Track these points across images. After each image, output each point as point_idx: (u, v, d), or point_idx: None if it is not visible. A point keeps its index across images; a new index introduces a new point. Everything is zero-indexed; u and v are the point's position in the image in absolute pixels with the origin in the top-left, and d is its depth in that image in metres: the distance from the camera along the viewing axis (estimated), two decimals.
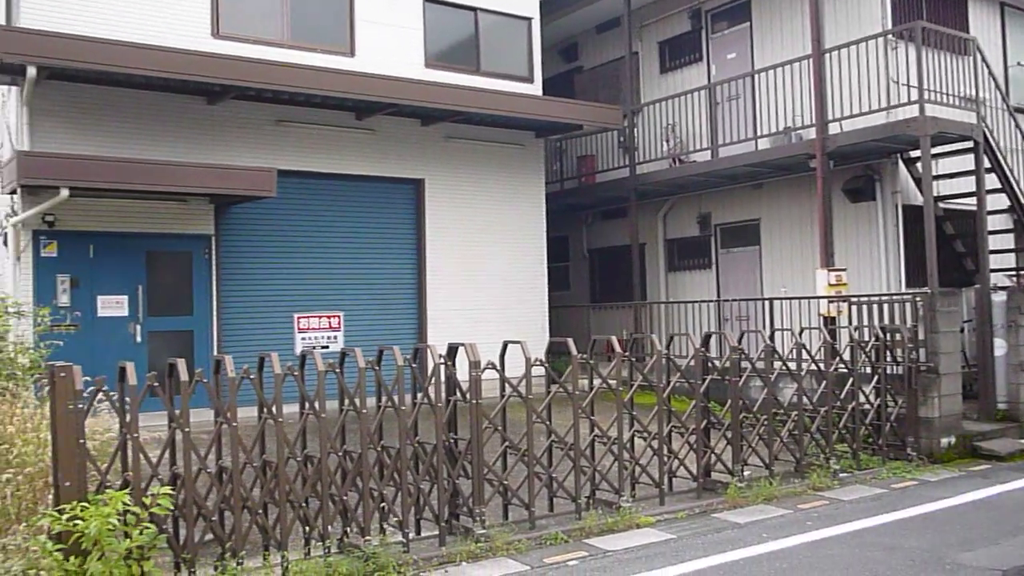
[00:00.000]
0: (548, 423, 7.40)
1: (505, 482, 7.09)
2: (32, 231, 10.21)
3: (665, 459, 7.99)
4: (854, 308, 10.75)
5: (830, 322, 10.98)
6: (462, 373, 6.99)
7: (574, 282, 17.79)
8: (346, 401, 6.44)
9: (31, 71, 9.39)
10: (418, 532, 6.71)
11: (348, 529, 6.24)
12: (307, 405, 6.27)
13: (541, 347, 8.85)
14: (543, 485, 7.39)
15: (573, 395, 7.34)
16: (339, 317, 12.24)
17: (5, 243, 10.64)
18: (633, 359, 8.44)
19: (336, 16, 12.47)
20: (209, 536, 5.74)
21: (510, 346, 7.34)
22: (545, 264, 14.18)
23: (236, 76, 10.54)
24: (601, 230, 17.23)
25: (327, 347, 11.88)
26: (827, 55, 11.94)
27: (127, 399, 5.50)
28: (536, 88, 14.17)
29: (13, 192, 10.03)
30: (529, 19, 14.23)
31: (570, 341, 7.54)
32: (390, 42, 12.75)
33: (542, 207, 14.22)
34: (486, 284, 13.45)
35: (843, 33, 12.47)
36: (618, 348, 7.98)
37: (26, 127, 10.21)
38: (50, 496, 5.66)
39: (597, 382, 7.68)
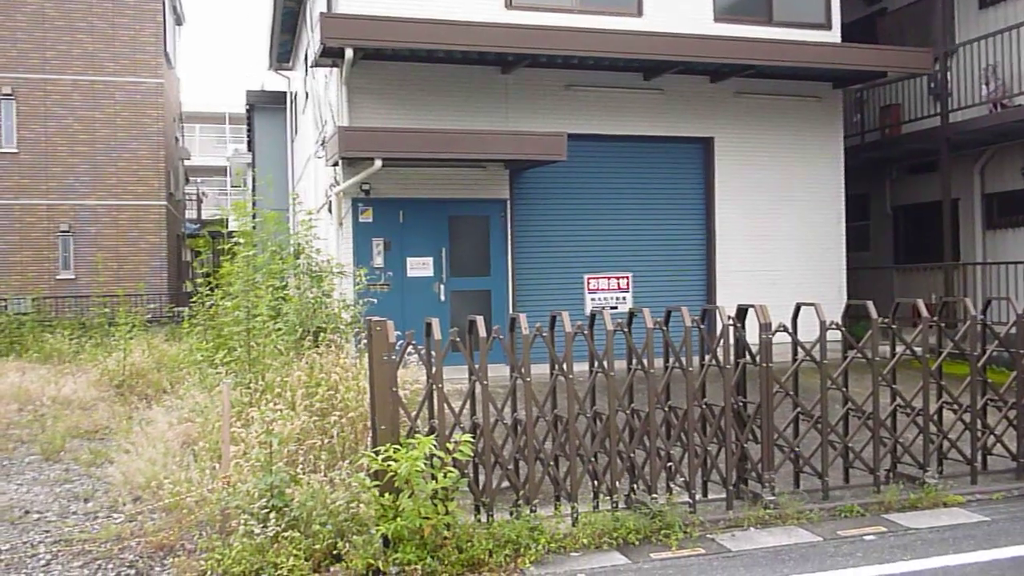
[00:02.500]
0: (844, 390, 7.05)
1: (796, 449, 6.86)
2: (351, 199, 11.28)
3: (979, 435, 7.33)
4: None
5: None
6: (752, 336, 6.83)
7: (875, 242, 16.63)
8: (634, 360, 6.54)
9: (349, 53, 10.33)
10: (704, 494, 6.70)
11: (635, 486, 6.37)
12: (596, 363, 6.44)
13: (837, 311, 8.42)
14: (837, 455, 7.07)
15: (873, 361, 6.93)
16: (628, 278, 12.39)
17: (330, 210, 11.85)
18: (942, 325, 7.76)
19: None
20: (505, 484, 6.11)
21: (803, 308, 7.06)
22: (843, 223, 13.37)
23: (529, 45, 10.90)
24: (907, 185, 15.93)
25: (616, 308, 12.08)
26: None
27: (433, 353, 5.96)
28: (834, 35, 13.30)
29: (335, 164, 11.13)
30: None
31: (870, 304, 7.10)
32: None
33: (840, 162, 13.39)
34: (778, 245, 12.95)
35: None
36: (925, 312, 7.39)
37: (345, 104, 11.25)
38: (368, 438, 6.31)
39: (900, 348, 7.18)
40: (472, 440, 5.80)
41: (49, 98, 25.11)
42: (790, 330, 6.91)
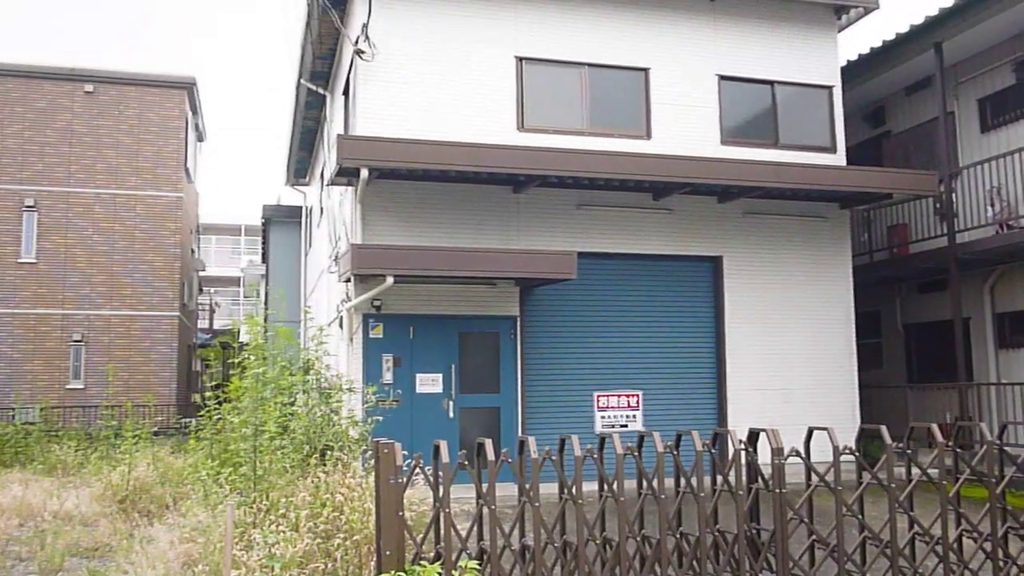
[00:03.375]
0: (860, 516, 6.89)
1: None
2: (362, 315, 11.36)
3: (1001, 564, 7.11)
4: None
5: None
6: (764, 457, 6.73)
7: (887, 360, 16.55)
8: (645, 485, 6.43)
9: (364, 173, 10.61)
10: None
11: None
12: (606, 487, 6.34)
13: (850, 430, 8.31)
14: None
15: (889, 486, 6.79)
16: (638, 396, 12.31)
17: (341, 326, 11.91)
18: (958, 449, 7.64)
19: (633, 101, 12.85)
20: None
21: (816, 432, 6.98)
22: (854, 342, 13.34)
23: (540, 166, 11.17)
24: (917, 303, 15.96)
25: (626, 426, 11.97)
26: None
27: (440, 475, 5.88)
28: (839, 158, 13.60)
29: (348, 280, 11.26)
30: (830, 87, 13.77)
31: (883, 428, 7.01)
32: (686, 122, 12.89)
33: (849, 281, 13.47)
34: (789, 363, 12.90)
35: None
36: (940, 436, 7.28)
37: (359, 222, 11.46)
38: (373, 562, 6.17)
39: (916, 472, 7.05)
40: (479, 567, 5.66)
41: (71, 210, 25.71)
42: (803, 455, 6.81)
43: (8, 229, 25.24)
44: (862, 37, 53.38)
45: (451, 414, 11.54)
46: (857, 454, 7.14)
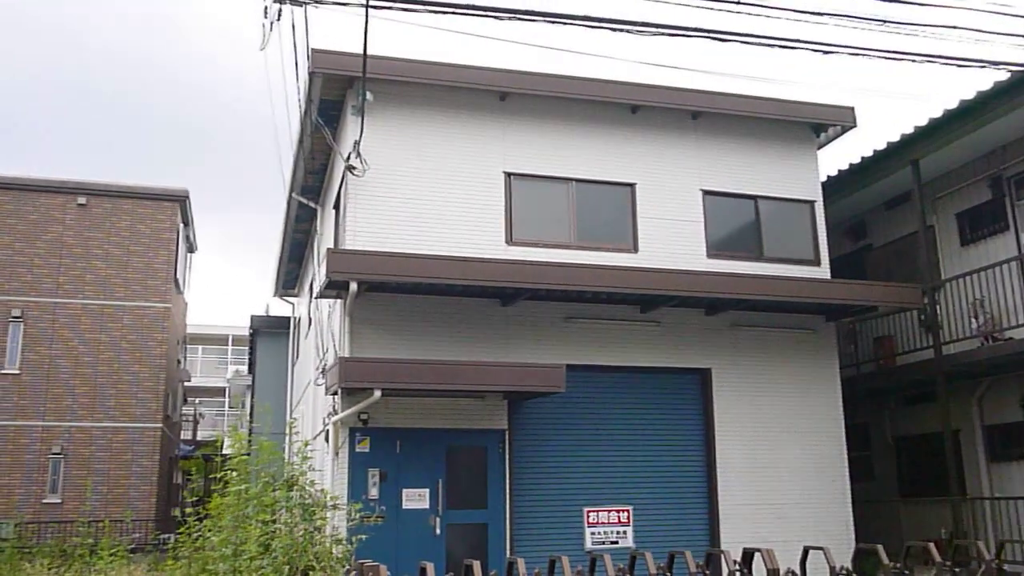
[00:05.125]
0: None
1: None
2: (349, 428, 11.21)
3: None
4: None
5: None
6: None
7: (879, 472, 16.37)
8: None
9: (353, 286, 10.65)
10: None
11: None
12: None
13: (845, 545, 8.15)
14: None
15: None
16: (628, 511, 12.08)
17: (326, 439, 11.74)
18: (956, 569, 7.49)
19: (619, 215, 13.08)
20: None
21: (811, 552, 6.84)
22: (845, 455, 13.21)
23: (528, 279, 11.26)
24: (906, 415, 15.90)
25: (616, 542, 11.70)
26: None
27: None
28: (823, 271, 13.78)
29: (335, 393, 11.16)
30: (812, 202, 14.08)
31: (880, 548, 6.88)
32: (672, 235, 13.09)
33: (837, 393, 13.45)
34: (781, 477, 12.73)
35: None
36: (938, 555, 7.15)
37: (347, 334, 11.45)
38: None
39: None
40: None
41: (58, 320, 25.65)
42: None
43: None
44: (843, 152, 54.99)
45: (438, 531, 11.26)
46: (853, 575, 7.00)
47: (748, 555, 6.74)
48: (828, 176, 15.24)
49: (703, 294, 12.04)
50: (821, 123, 14.21)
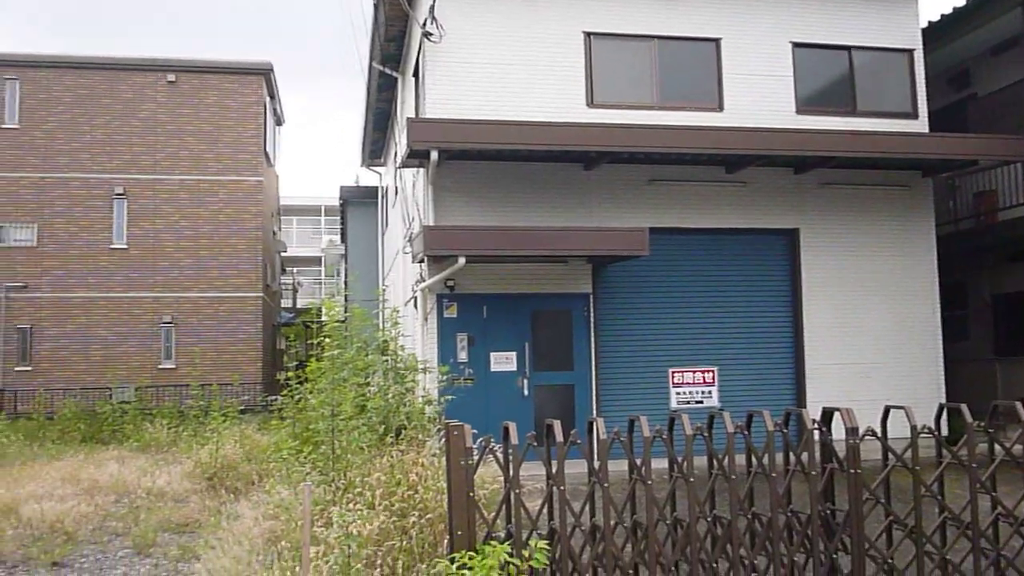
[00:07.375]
0: (939, 497, 6.73)
1: (890, 560, 6.54)
2: (436, 295, 11.50)
3: None
4: None
5: None
6: (839, 435, 6.62)
7: (974, 332, 16.00)
8: (715, 465, 6.40)
9: (434, 155, 10.69)
10: None
11: None
12: (676, 468, 6.33)
13: (935, 405, 8.09)
14: (935, 567, 6.70)
15: (970, 466, 6.61)
16: (713, 372, 12.20)
17: (415, 306, 12.09)
18: None
19: (704, 73, 12.63)
20: None
21: (893, 411, 6.82)
22: (938, 314, 12.93)
23: (611, 143, 11.09)
24: (1006, 273, 15.36)
25: (701, 402, 11.89)
26: None
27: (511, 457, 5.95)
28: (921, 124, 13.13)
29: (421, 261, 11.41)
30: (910, 51, 13.29)
31: (964, 407, 6.81)
32: (759, 92, 12.62)
33: (933, 251, 13.04)
34: (869, 337, 12.59)
35: None
36: None
37: (431, 203, 11.59)
38: (446, 540, 6.30)
39: (999, 451, 6.84)
40: (548, 547, 5.73)
41: (158, 197, 26.60)
42: (879, 435, 6.67)
43: (100, 217, 26.26)
44: None
45: (526, 392, 11.63)
46: (936, 433, 6.96)
47: (828, 414, 6.75)
48: (929, 21, 14.32)
49: (791, 152, 11.68)
50: None
